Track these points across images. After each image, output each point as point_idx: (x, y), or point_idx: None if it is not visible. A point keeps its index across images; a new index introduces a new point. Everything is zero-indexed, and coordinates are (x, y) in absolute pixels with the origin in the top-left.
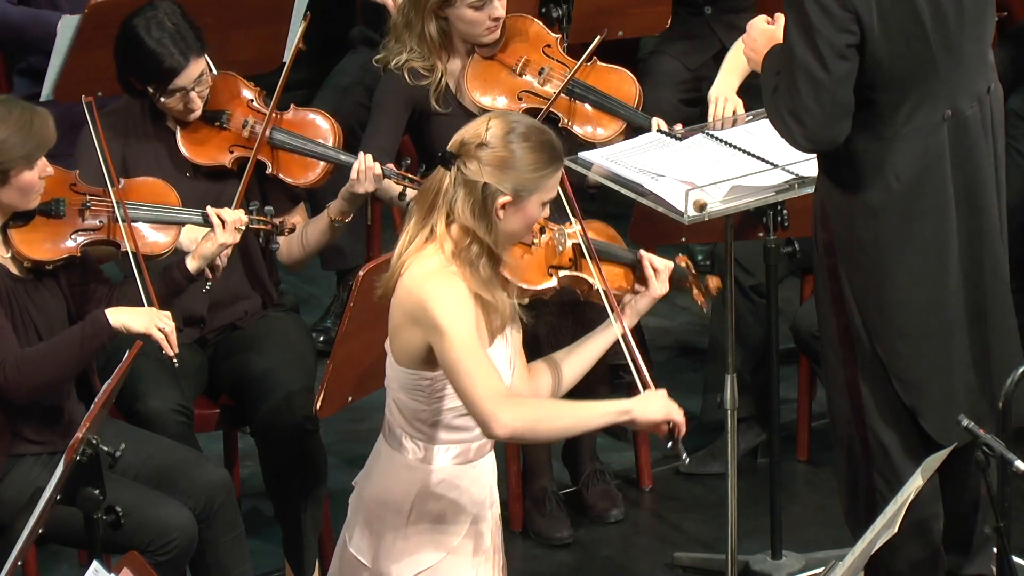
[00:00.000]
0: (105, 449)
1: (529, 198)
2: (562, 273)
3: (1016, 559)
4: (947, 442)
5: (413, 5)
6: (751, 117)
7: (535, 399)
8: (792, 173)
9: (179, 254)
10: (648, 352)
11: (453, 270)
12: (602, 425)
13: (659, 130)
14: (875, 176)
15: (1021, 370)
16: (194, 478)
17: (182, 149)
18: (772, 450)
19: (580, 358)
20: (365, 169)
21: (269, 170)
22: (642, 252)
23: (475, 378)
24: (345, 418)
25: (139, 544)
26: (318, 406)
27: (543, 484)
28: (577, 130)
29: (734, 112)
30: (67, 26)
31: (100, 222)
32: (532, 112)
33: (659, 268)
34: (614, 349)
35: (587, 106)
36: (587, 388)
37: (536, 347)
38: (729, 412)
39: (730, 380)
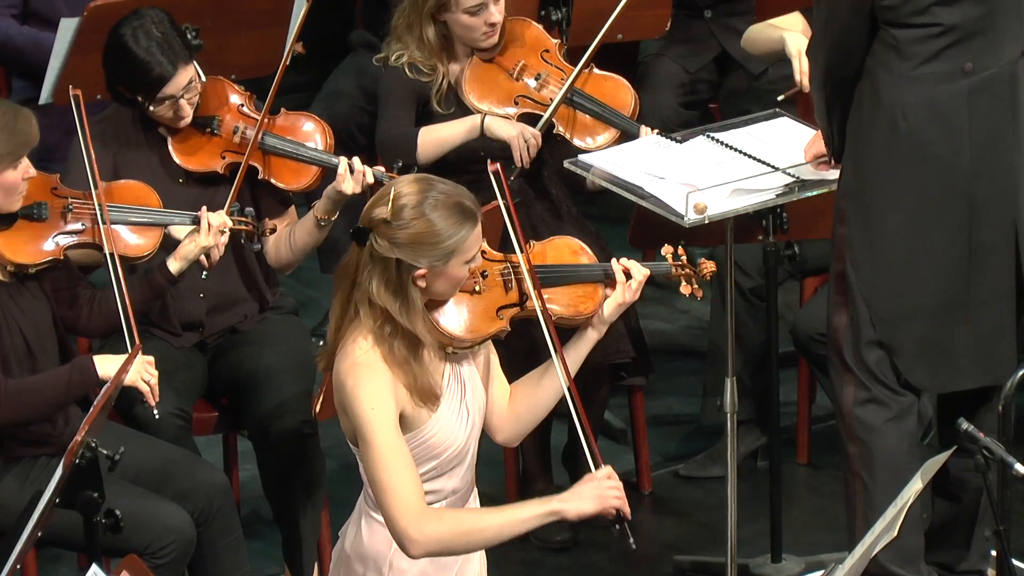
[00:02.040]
0: (104, 452)
1: (446, 265)
2: (510, 312)
3: (1016, 562)
4: (922, 387)
5: (412, 8)
6: None
7: (456, 514)
8: (793, 176)
9: (163, 255)
10: (648, 354)
11: (374, 356)
12: (528, 530)
13: (659, 132)
14: (886, 113)
15: (1021, 372)
16: (193, 481)
17: (174, 156)
18: (772, 453)
19: (554, 376)
20: (354, 172)
21: (260, 175)
22: (614, 260)
23: (390, 495)
24: None
25: (138, 547)
26: (317, 409)
27: (542, 487)
28: (573, 139)
29: None
30: (66, 29)
31: (83, 225)
32: (529, 117)
33: (634, 276)
34: (614, 348)
35: (583, 115)
36: (587, 390)
37: (534, 352)
38: (729, 415)
39: (730, 383)
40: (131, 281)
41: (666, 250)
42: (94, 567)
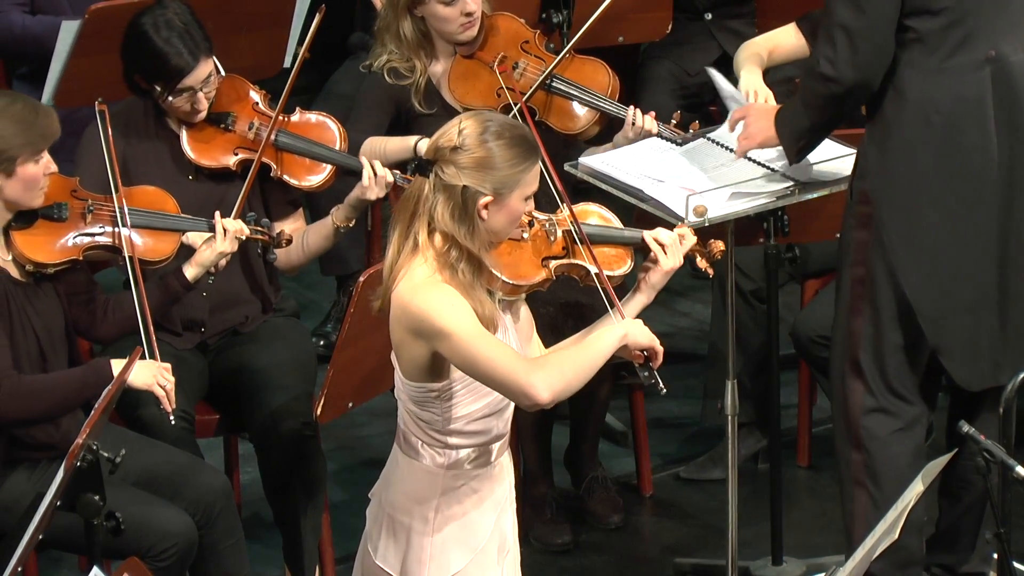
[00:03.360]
0: (105, 455)
1: (511, 195)
2: (555, 263)
3: (1017, 564)
4: (966, 385)
5: (390, 5)
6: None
7: (548, 356)
8: (793, 179)
9: (179, 260)
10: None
11: (439, 278)
12: (610, 355)
13: (659, 135)
14: (916, 110)
15: (1022, 375)
16: (194, 484)
17: (187, 150)
18: (773, 456)
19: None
20: (377, 176)
21: (274, 172)
22: (645, 232)
23: (496, 360)
24: (345, 424)
25: (139, 550)
26: (318, 412)
27: (543, 489)
28: (550, 121)
29: (766, 103)
30: (67, 31)
31: (102, 227)
32: (509, 108)
33: (666, 242)
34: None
35: (562, 99)
36: (589, 387)
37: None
38: (729, 418)
39: (730, 386)
40: (146, 286)
41: (680, 226)
42: (95, 570)
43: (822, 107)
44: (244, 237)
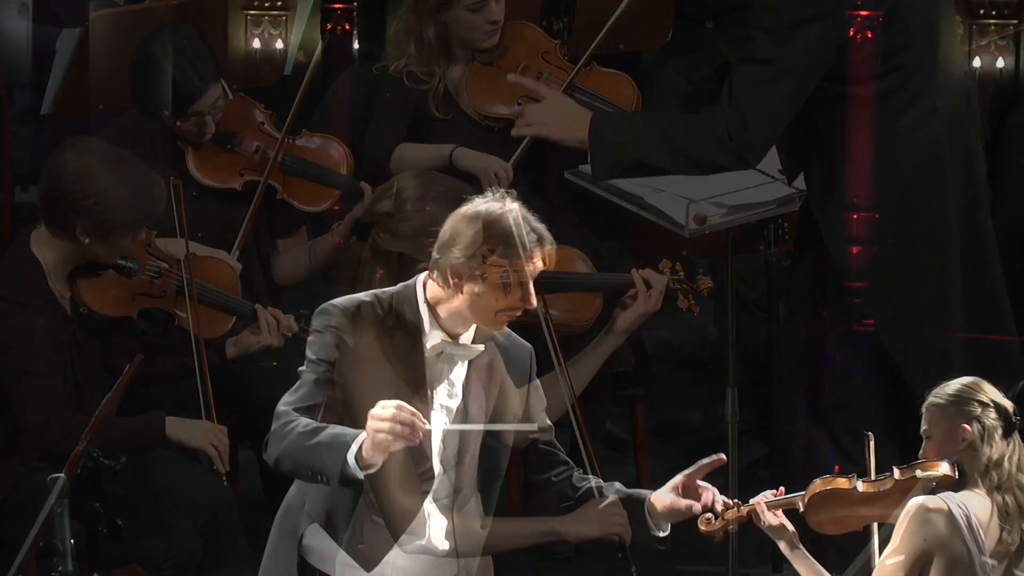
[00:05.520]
0: (106, 462)
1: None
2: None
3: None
4: None
5: (411, 9)
6: None
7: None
8: (793, 187)
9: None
10: (649, 364)
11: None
12: (526, 545)
13: None
14: (878, 174)
15: (1022, 383)
16: (196, 492)
17: (192, 171)
18: (773, 463)
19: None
20: None
21: (279, 195)
22: (634, 270)
23: None
24: None
25: (143, 559)
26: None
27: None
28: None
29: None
30: (67, 40)
31: (165, 292)
32: None
33: (654, 285)
34: (615, 357)
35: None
36: (590, 398)
37: None
38: (730, 425)
39: (731, 393)
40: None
41: (664, 264)
42: None
43: (706, 168)
44: (291, 334)
